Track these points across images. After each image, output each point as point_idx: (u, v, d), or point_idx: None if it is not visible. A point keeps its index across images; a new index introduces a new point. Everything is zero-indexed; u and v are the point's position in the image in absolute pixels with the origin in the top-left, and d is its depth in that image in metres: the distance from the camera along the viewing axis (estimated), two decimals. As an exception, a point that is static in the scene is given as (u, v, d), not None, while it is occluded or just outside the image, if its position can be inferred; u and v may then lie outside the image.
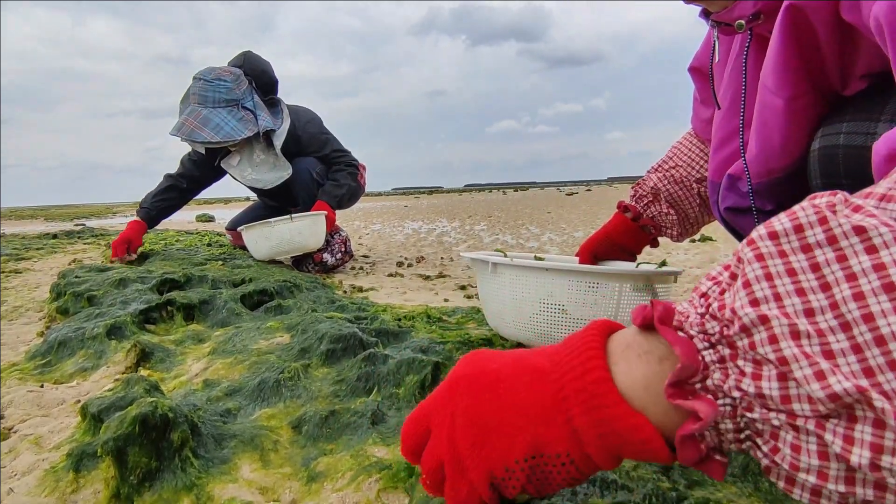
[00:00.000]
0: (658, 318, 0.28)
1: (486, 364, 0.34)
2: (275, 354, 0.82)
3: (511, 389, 0.32)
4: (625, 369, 0.29)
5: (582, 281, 0.76)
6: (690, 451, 0.27)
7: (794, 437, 0.24)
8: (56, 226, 5.67)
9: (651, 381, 0.28)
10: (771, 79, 0.55)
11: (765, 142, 0.59)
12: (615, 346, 0.30)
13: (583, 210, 5.63)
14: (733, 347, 0.26)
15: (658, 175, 0.92)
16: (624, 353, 0.30)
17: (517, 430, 0.31)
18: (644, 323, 0.30)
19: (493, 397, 0.32)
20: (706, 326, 0.27)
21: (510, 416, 0.31)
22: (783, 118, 0.56)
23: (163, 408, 0.53)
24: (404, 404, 0.65)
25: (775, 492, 0.44)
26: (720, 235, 2.60)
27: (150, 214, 1.92)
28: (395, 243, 3.01)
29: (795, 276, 0.25)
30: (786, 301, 0.24)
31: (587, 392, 0.29)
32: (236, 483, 0.51)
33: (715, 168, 0.73)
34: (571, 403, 0.29)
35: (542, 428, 0.30)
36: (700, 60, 0.82)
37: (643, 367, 0.28)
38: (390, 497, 0.47)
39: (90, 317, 1.03)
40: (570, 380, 0.30)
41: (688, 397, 0.26)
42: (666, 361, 0.28)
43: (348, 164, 1.99)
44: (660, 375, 0.28)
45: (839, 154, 0.51)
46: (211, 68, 1.74)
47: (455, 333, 0.88)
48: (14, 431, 0.64)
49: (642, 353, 0.29)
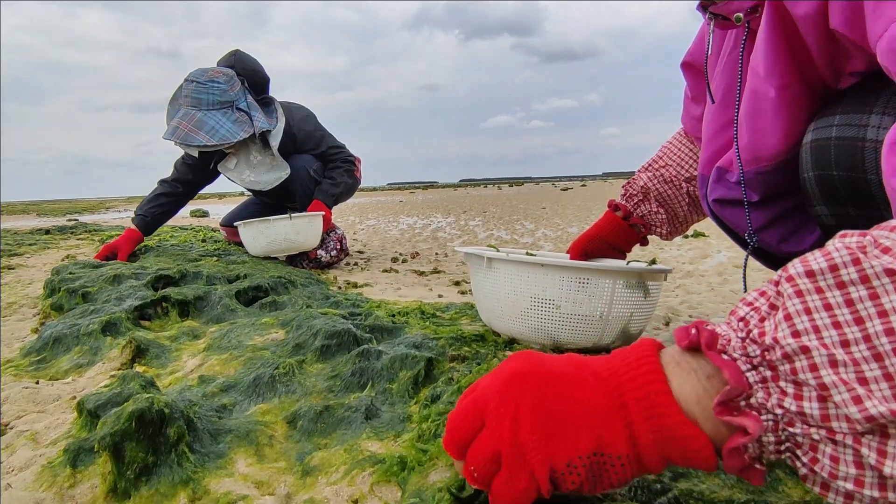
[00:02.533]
0: (705, 344, 0.32)
1: (549, 365, 0.36)
2: (270, 350, 0.83)
3: (577, 390, 0.34)
4: (677, 384, 0.32)
5: (576, 277, 0.77)
6: (736, 460, 0.30)
7: (833, 450, 0.28)
8: (49, 221, 5.63)
9: (701, 396, 0.31)
10: (762, 67, 0.55)
11: (754, 130, 0.60)
12: (666, 363, 0.33)
13: (577, 205, 5.65)
14: (774, 370, 0.29)
15: (648, 174, 0.93)
16: (675, 369, 0.33)
17: (583, 429, 0.33)
18: (690, 346, 0.33)
19: (561, 395, 0.34)
20: (748, 350, 0.30)
21: (577, 415, 0.33)
22: (774, 107, 0.56)
23: (159, 403, 0.54)
24: (398, 399, 0.66)
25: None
26: (712, 232, 2.62)
27: (146, 221, 1.89)
28: (389, 239, 3.01)
29: (832, 310, 0.28)
30: (824, 333, 0.28)
31: (648, 401, 0.32)
32: (232, 477, 0.51)
33: (705, 161, 0.73)
34: (631, 410, 0.32)
35: (605, 430, 0.32)
36: (693, 56, 0.82)
37: (693, 382, 0.32)
38: (383, 490, 0.48)
39: (85, 313, 1.03)
40: (630, 388, 0.33)
41: (733, 413, 0.30)
42: (713, 379, 0.31)
43: (344, 161, 1.99)
44: (709, 392, 0.31)
45: (831, 146, 0.51)
46: (202, 69, 1.72)
47: (448, 329, 0.89)
48: (10, 427, 0.65)
49: (692, 370, 0.32)
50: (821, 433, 0.28)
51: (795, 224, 0.65)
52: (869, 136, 0.48)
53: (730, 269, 1.76)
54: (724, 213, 0.71)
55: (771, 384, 0.29)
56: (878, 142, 0.47)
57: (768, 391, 0.29)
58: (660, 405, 0.32)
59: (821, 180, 0.53)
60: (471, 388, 0.39)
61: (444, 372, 0.71)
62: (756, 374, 0.30)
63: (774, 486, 0.45)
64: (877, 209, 0.49)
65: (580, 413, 0.33)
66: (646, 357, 0.34)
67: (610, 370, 0.35)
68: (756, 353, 0.30)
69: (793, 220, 0.65)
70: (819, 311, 0.28)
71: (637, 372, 0.33)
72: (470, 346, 0.81)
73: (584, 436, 0.33)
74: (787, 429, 0.29)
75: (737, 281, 1.56)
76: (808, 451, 0.29)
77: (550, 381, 0.35)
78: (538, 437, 0.33)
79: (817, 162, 0.53)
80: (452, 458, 0.38)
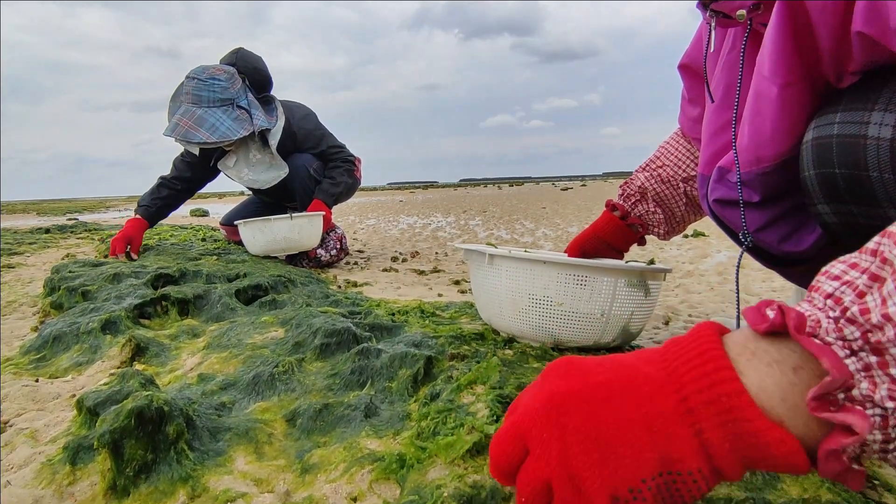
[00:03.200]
0: (795, 328, 0.27)
1: (591, 377, 0.31)
2: (269, 349, 0.83)
3: (629, 403, 0.30)
4: (755, 379, 0.27)
5: (578, 275, 0.77)
6: (835, 464, 0.26)
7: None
8: (48, 220, 5.64)
9: (787, 392, 0.27)
10: (767, 64, 0.55)
11: (756, 130, 0.60)
12: (736, 354, 0.29)
13: (577, 205, 5.65)
14: (881, 355, 0.25)
15: (646, 174, 0.93)
16: (750, 361, 0.28)
17: (642, 447, 0.28)
18: (768, 330, 0.28)
19: (611, 412, 0.30)
20: (844, 333, 0.26)
21: (632, 433, 0.29)
22: (776, 106, 0.56)
23: (158, 401, 0.54)
24: (397, 397, 0.66)
25: (755, 480, 0.46)
26: (712, 231, 2.62)
27: (150, 212, 1.89)
28: (389, 238, 3.01)
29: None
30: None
31: (721, 404, 0.27)
32: (231, 475, 0.51)
33: (705, 161, 0.73)
34: (701, 416, 0.28)
35: (671, 444, 0.28)
36: (691, 57, 0.82)
37: (777, 376, 0.27)
38: (382, 488, 0.48)
39: (85, 312, 1.03)
40: (694, 391, 0.28)
41: (832, 409, 0.25)
42: (802, 371, 0.27)
43: (345, 161, 1.99)
44: (798, 386, 0.27)
45: (833, 144, 0.51)
46: (204, 67, 1.72)
47: (448, 328, 0.89)
48: (10, 425, 0.65)
49: (772, 361, 0.27)
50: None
51: (795, 224, 0.65)
52: (871, 134, 0.48)
53: (730, 268, 1.76)
54: (725, 213, 0.70)
55: (877, 372, 0.25)
56: (879, 139, 0.47)
57: (874, 381, 0.25)
58: (735, 408, 0.27)
59: (822, 178, 0.53)
60: (512, 407, 0.35)
61: (444, 370, 0.71)
62: (857, 361, 0.25)
63: (773, 484, 0.45)
64: (879, 206, 0.49)
65: (637, 428, 0.29)
66: (710, 349, 0.29)
67: (667, 370, 0.30)
68: (856, 335, 0.25)
69: (793, 220, 0.65)
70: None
71: (703, 370, 0.28)
72: (469, 344, 0.81)
73: (646, 455, 0.28)
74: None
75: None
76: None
77: (598, 393, 0.30)
78: (591, 462, 0.29)
79: (819, 160, 0.53)
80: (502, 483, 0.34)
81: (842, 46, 0.50)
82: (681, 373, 0.29)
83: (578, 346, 0.81)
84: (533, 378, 0.67)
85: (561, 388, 0.31)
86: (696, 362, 0.29)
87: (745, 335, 0.29)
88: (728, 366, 0.28)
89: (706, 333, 0.30)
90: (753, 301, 1.30)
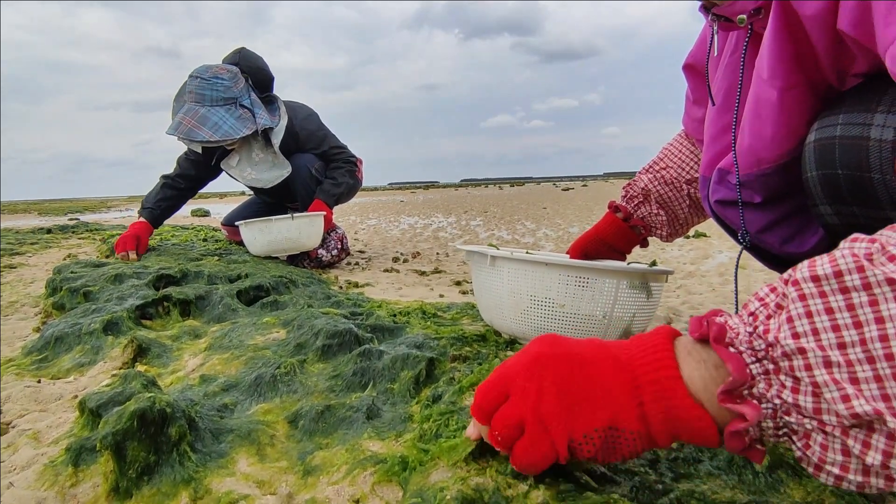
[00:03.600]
0: (713, 338, 0.35)
1: (571, 346, 0.40)
2: (271, 350, 0.83)
3: (596, 370, 0.38)
4: (688, 371, 0.36)
5: (580, 277, 0.76)
6: (736, 442, 0.34)
7: (823, 439, 0.31)
8: (50, 220, 5.64)
9: (707, 383, 0.35)
10: (766, 68, 0.55)
11: (756, 133, 0.60)
12: (679, 351, 0.37)
13: (578, 205, 5.64)
14: (776, 364, 0.32)
15: (649, 176, 0.93)
16: (686, 358, 0.36)
17: (600, 405, 0.37)
18: (701, 337, 0.36)
19: (581, 373, 0.38)
20: (754, 344, 0.34)
21: (595, 392, 0.37)
22: (776, 109, 0.56)
23: (161, 403, 0.54)
24: (399, 399, 0.66)
25: (758, 483, 0.46)
26: (713, 232, 2.62)
27: (154, 214, 1.89)
28: (390, 238, 3.01)
29: (832, 314, 0.30)
30: (822, 336, 0.30)
31: (660, 385, 0.36)
32: (234, 477, 0.51)
33: (707, 163, 0.73)
34: (645, 392, 0.36)
35: (620, 407, 0.36)
36: (695, 58, 0.82)
37: (702, 370, 0.35)
38: (385, 490, 0.48)
39: (86, 312, 1.03)
40: (644, 372, 0.37)
41: (735, 401, 0.33)
42: (720, 369, 0.35)
43: (346, 161, 1.99)
44: (715, 380, 0.35)
45: (835, 145, 0.51)
46: (207, 66, 1.72)
47: (449, 329, 0.89)
48: (12, 426, 0.65)
49: (701, 360, 0.36)
50: (813, 424, 0.31)
51: (798, 225, 0.65)
52: (873, 135, 0.48)
53: (731, 269, 1.76)
54: (726, 213, 0.71)
55: (772, 376, 0.32)
56: (882, 140, 0.47)
57: (769, 383, 0.33)
58: (670, 388, 0.35)
59: (824, 179, 0.53)
60: (499, 367, 0.43)
61: (446, 372, 0.71)
62: (760, 367, 0.33)
63: (776, 488, 0.45)
64: (881, 208, 0.49)
65: (598, 391, 0.37)
66: (661, 344, 0.37)
67: (628, 355, 0.38)
68: (761, 347, 0.33)
69: (795, 222, 0.65)
70: (820, 315, 0.31)
71: (652, 357, 0.37)
72: (471, 345, 0.81)
73: (600, 411, 0.37)
74: (784, 417, 0.33)
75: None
76: (802, 438, 0.33)
77: (573, 360, 0.39)
78: (559, 409, 0.37)
79: (821, 161, 0.53)
80: (478, 423, 0.43)
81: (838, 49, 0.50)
82: (636, 358, 0.38)
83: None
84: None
85: (546, 351, 0.40)
86: (649, 353, 0.37)
87: (689, 339, 0.38)
88: (670, 356, 0.37)
89: (663, 333, 0.39)
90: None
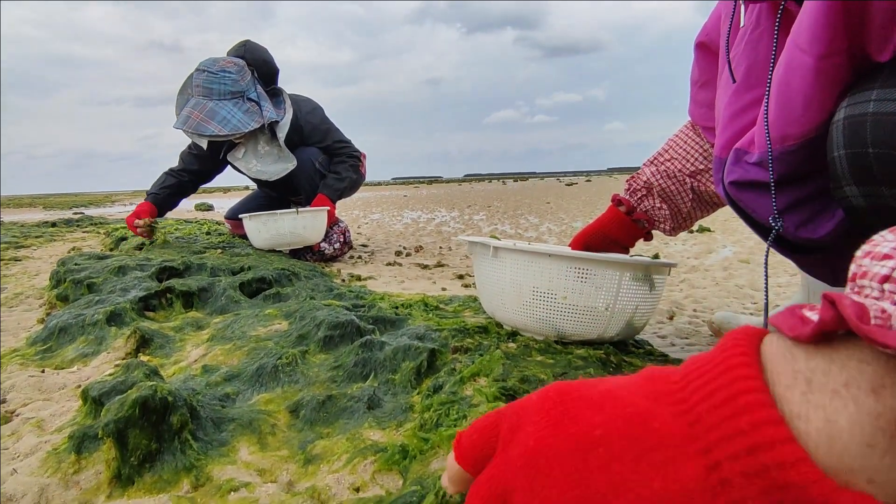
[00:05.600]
0: (857, 317, 0.18)
1: (586, 428, 0.23)
2: (273, 341, 0.83)
3: (629, 471, 0.21)
4: (820, 424, 0.18)
5: (583, 268, 0.76)
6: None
7: None
8: (54, 214, 5.67)
9: (867, 429, 0.18)
10: (805, 34, 0.52)
11: (784, 106, 0.56)
12: (785, 387, 0.20)
13: (582, 200, 5.63)
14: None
15: (652, 169, 0.92)
16: (807, 395, 0.19)
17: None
18: (819, 331, 0.19)
19: (613, 477, 0.21)
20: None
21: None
22: (810, 78, 0.53)
23: (162, 391, 0.54)
24: (400, 390, 0.66)
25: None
26: (718, 226, 2.61)
27: (159, 198, 1.93)
28: (393, 233, 3.01)
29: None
30: None
31: (769, 479, 0.18)
32: (235, 465, 0.52)
33: (722, 145, 0.70)
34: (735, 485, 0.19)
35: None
36: (710, 35, 0.77)
37: (850, 409, 0.18)
38: (385, 478, 0.48)
39: (90, 304, 1.04)
40: (729, 456, 0.19)
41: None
42: (884, 391, 0.18)
43: (350, 156, 1.99)
44: (885, 417, 0.18)
45: (867, 122, 0.48)
46: (214, 59, 1.72)
47: (451, 321, 0.89)
48: (16, 415, 0.65)
49: (839, 387, 0.19)
50: None
51: (814, 209, 0.62)
52: None
53: (735, 263, 1.75)
54: (742, 196, 0.68)
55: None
56: None
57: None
58: (793, 486, 0.18)
59: (853, 159, 0.51)
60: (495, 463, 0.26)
61: (447, 363, 0.71)
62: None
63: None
64: None
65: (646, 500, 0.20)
66: (747, 389, 0.20)
67: (689, 420, 0.21)
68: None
69: (812, 205, 0.62)
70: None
71: (736, 424, 0.19)
72: (473, 337, 0.81)
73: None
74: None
75: (742, 276, 1.55)
76: None
77: (591, 458, 0.22)
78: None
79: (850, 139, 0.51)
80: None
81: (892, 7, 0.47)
82: (706, 422, 0.20)
83: (582, 339, 0.80)
84: (536, 372, 0.67)
85: (547, 442, 0.24)
86: (726, 409, 0.20)
87: (788, 351, 0.21)
88: (774, 417, 0.19)
89: (739, 353, 0.21)
90: (759, 297, 1.29)
